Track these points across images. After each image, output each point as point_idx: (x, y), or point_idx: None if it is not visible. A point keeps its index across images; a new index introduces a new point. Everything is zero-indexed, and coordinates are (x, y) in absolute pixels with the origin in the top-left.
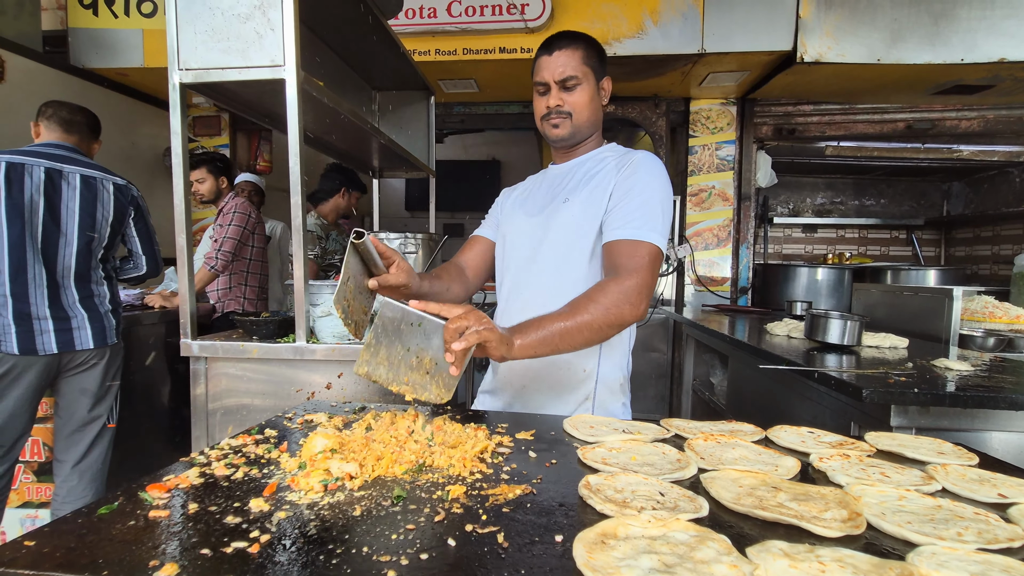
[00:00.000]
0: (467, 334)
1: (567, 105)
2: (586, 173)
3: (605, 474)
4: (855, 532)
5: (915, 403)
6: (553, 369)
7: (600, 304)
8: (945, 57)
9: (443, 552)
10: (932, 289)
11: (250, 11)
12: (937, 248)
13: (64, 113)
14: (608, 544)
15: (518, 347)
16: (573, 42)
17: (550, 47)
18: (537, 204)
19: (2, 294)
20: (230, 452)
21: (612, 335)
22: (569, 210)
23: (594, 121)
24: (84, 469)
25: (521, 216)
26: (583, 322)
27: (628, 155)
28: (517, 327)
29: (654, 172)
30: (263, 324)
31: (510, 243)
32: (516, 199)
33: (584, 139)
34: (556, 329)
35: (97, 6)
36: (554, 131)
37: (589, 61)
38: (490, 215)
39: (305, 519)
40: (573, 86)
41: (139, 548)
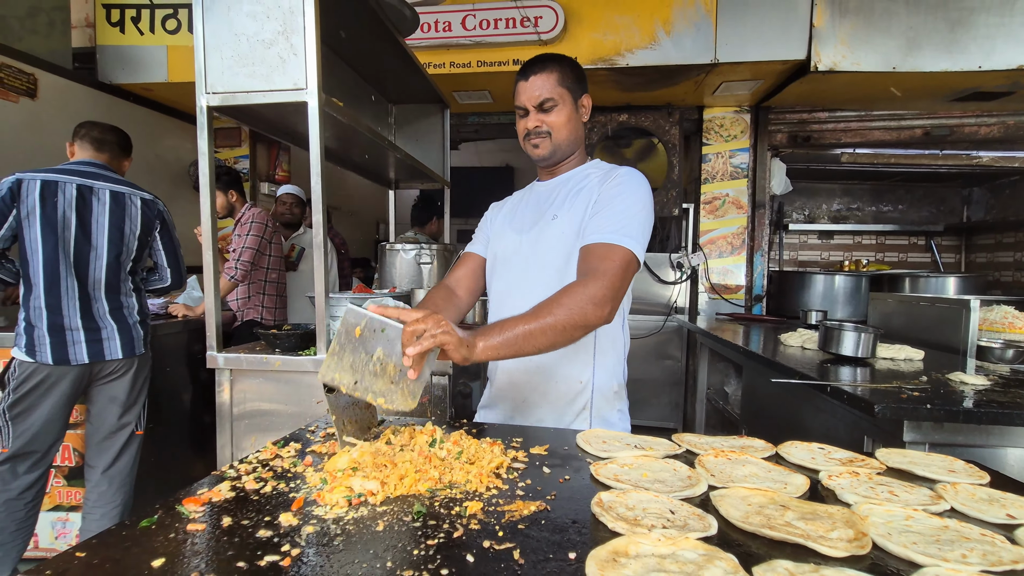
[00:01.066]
0: (423, 338)
1: (545, 125)
2: (571, 189)
3: (617, 491)
4: (860, 552)
5: (928, 419)
6: (550, 382)
7: (564, 307)
8: (963, 65)
9: (462, 568)
10: (949, 299)
11: (274, 37)
12: (957, 255)
13: (95, 133)
14: (619, 562)
15: (481, 349)
16: (547, 66)
17: (526, 72)
18: (526, 221)
19: (37, 306)
20: (258, 466)
21: (579, 336)
22: (558, 227)
23: (574, 139)
24: (114, 475)
25: (510, 233)
26: (547, 324)
27: (612, 170)
28: (481, 329)
29: (635, 185)
30: (285, 337)
31: (500, 260)
32: (504, 216)
33: (566, 157)
34: (520, 331)
35: (124, 24)
36: (535, 151)
37: (564, 82)
38: (479, 231)
39: (332, 533)
40: (550, 107)
41: (180, 560)
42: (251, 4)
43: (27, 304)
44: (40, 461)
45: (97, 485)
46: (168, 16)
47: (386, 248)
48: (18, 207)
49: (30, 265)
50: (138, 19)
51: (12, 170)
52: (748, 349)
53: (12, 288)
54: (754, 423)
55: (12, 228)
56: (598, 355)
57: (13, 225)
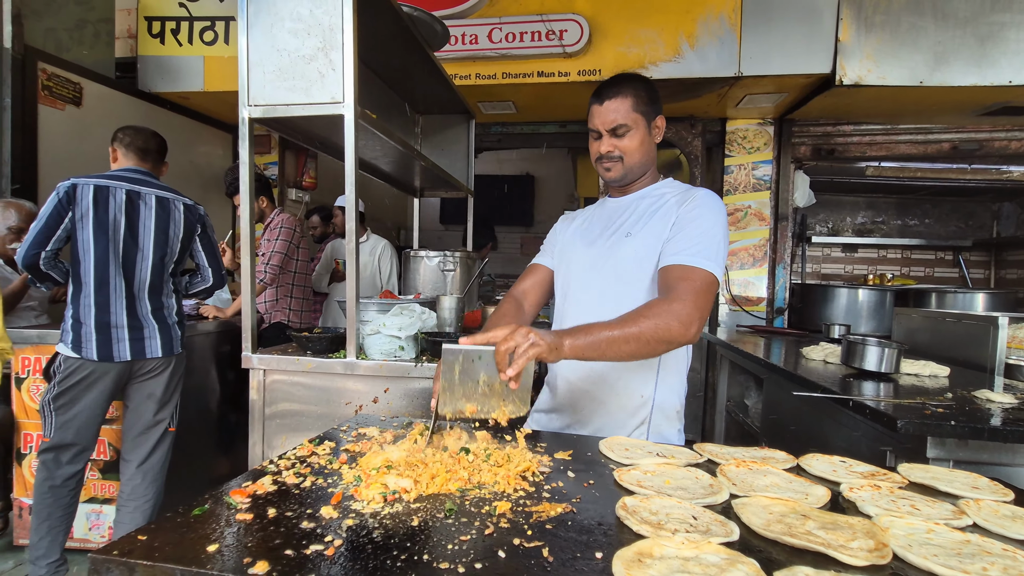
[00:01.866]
0: (517, 357)
1: (618, 150)
2: (647, 208)
3: (641, 496)
4: (880, 562)
5: (953, 435)
6: (611, 394)
7: (651, 319)
8: (992, 79)
9: (495, 563)
10: (976, 316)
11: (314, 53)
12: (986, 270)
13: (140, 142)
14: (644, 563)
15: (568, 347)
16: (622, 90)
17: (601, 96)
18: (598, 235)
19: (86, 304)
20: (296, 462)
21: (660, 351)
22: (632, 244)
23: (646, 161)
24: (147, 469)
25: (581, 247)
26: (631, 334)
27: (689, 191)
28: (568, 330)
29: (714, 207)
30: (316, 340)
31: (571, 272)
32: (576, 229)
33: (636, 178)
34: (605, 336)
35: (164, 35)
36: (607, 174)
37: (639, 107)
38: (547, 243)
39: (370, 527)
40: (623, 133)
41: (232, 546)
42: (293, 22)
43: (76, 302)
44: (81, 453)
45: (131, 479)
46: (206, 28)
47: (410, 255)
48: (73, 210)
49: (81, 265)
50: (177, 31)
51: (61, 173)
52: (770, 362)
53: (60, 287)
54: (774, 436)
55: (67, 230)
56: (662, 372)
57: (68, 227)
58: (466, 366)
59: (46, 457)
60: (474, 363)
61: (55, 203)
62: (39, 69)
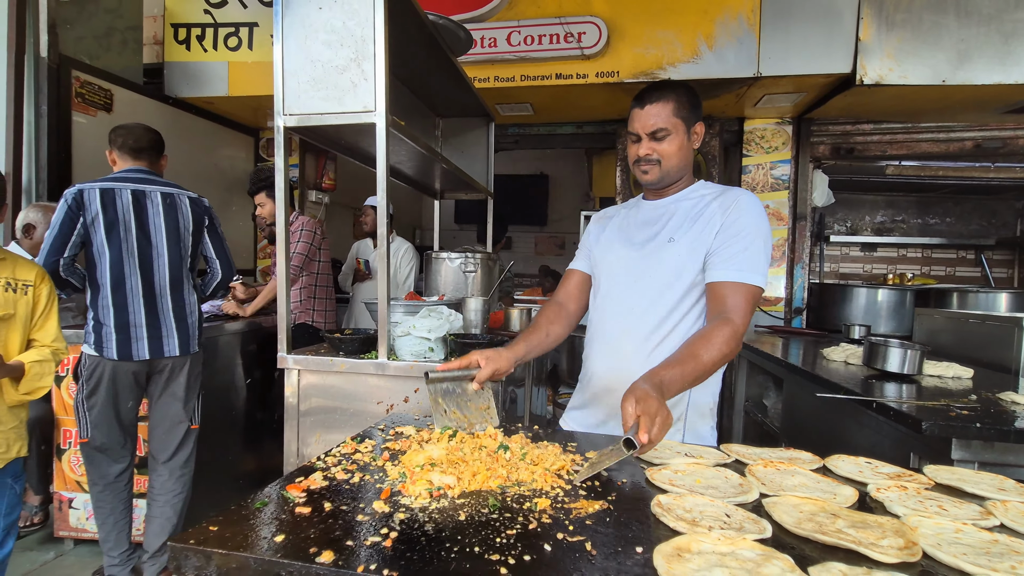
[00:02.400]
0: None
1: (656, 154)
2: (688, 212)
3: (674, 495)
4: (911, 560)
5: (978, 437)
6: None
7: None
8: (1017, 77)
9: (541, 555)
10: (1000, 317)
11: (347, 63)
12: (1010, 269)
13: (131, 141)
14: (683, 557)
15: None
16: (665, 95)
17: (642, 100)
18: (638, 238)
19: (105, 305)
20: (342, 459)
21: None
22: (675, 249)
23: (683, 166)
24: (174, 466)
25: (620, 248)
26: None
27: (728, 194)
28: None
29: (757, 213)
30: (349, 341)
31: (608, 273)
32: (613, 231)
33: (673, 182)
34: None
35: (190, 42)
36: (644, 176)
37: (680, 112)
38: (582, 247)
39: (421, 521)
40: (663, 137)
41: (297, 537)
42: (326, 33)
43: (95, 304)
44: (122, 449)
45: (159, 475)
46: (230, 34)
47: (432, 256)
48: (84, 214)
49: (97, 268)
50: (203, 37)
51: (95, 178)
52: (790, 363)
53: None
54: (795, 437)
55: (81, 235)
56: None
57: (81, 232)
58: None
59: (90, 455)
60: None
61: (65, 210)
62: (73, 77)
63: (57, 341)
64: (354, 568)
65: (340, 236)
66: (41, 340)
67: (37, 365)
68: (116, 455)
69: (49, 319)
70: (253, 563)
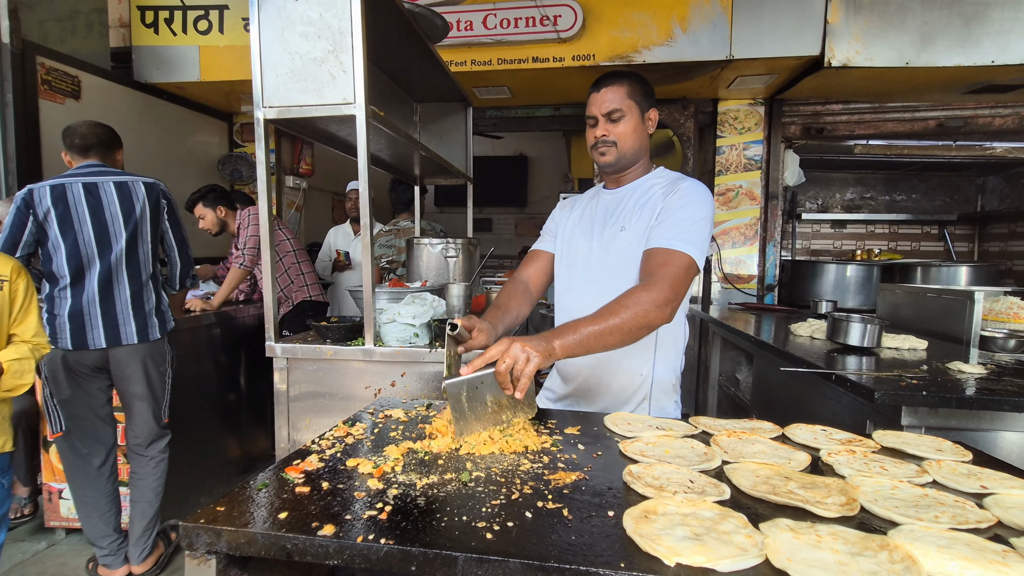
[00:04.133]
0: (518, 376)
1: (612, 135)
2: (638, 201)
3: (644, 464)
4: (850, 514)
5: (924, 404)
6: (613, 374)
7: (630, 309)
8: (976, 59)
9: (523, 521)
10: (954, 291)
11: (325, 55)
12: (970, 244)
13: (77, 140)
14: (650, 519)
15: (558, 347)
16: (619, 80)
17: (598, 85)
18: (595, 229)
19: (62, 297)
20: (335, 442)
21: (643, 335)
22: (625, 238)
23: (638, 149)
24: (151, 453)
25: (580, 239)
26: (614, 325)
27: (677, 182)
28: (555, 332)
29: (697, 194)
30: (336, 328)
31: (570, 263)
32: (575, 223)
33: (630, 165)
34: (590, 331)
35: (158, 25)
36: (602, 159)
37: (633, 95)
38: (546, 230)
39: (414, 495)
40: (618, 118)
41: (299, 513)
42: (303, 25)
43: (51, 296)
44: (98, 445)
45: (138, 462)
46: (200, 17)
47: (414, 242)
48: (34, 213)
49: (53, 261)
50: (171, 20)
51: (64, 168)
52: (759, 339)
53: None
54: (764, 409)
55: (33, 234)
56: (659, 350)
57: (33, 231)
58: (471, 393)
59: (64, 450)
60: (478, 388)
61: (15, 211)
62: (38, 63)
63: (38, 336)
64: (353, 538)
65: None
66: (21, 335)
67: (16, 363)
68: (92, 448)
69: (29, 314)
70: (260, 538)
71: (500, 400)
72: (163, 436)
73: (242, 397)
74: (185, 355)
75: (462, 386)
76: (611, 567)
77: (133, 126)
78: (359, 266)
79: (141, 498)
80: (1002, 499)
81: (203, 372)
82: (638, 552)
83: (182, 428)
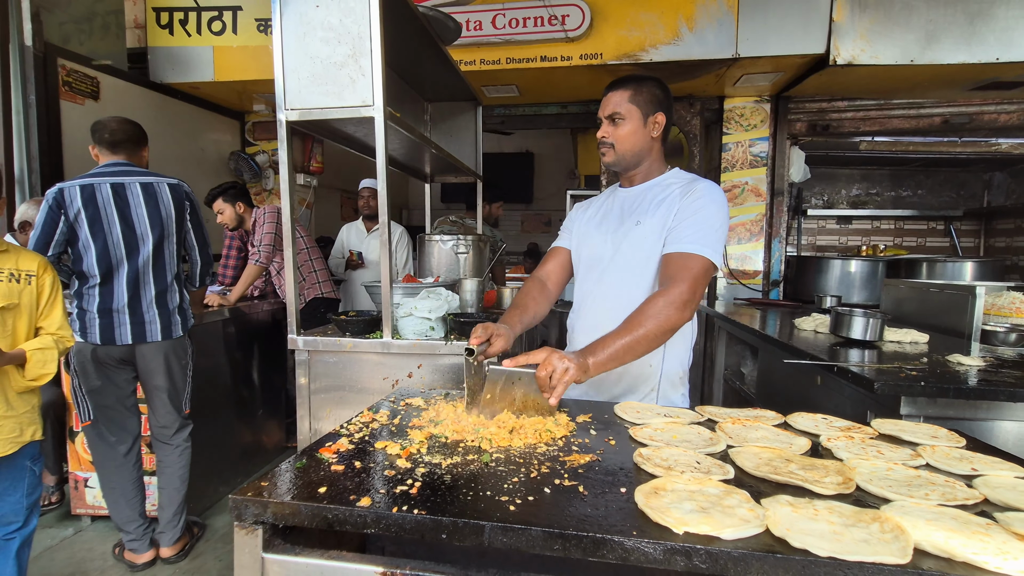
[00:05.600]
0: (555, 383)
1: (611, 137)
2: (654, 198)
3: (653, 447)
4: (846, 491)
5: (922, 394)
6: (624, 367)
7: (653, 317)
8: (980, 57)
9: (542, 496)
10: (956, 285)
11: (345, 60)
12: (976, 239)
13: (107, 136)
14: (659, 494)
15: (592, 366)
16: (626, 84)
17: (608, 88)
18: (612, 224)
19: (90, 293)
20: (363, 427)
21: (667, 339)
22: (641, 232)
23: (637, 151)
24: (176, 442)
25: (596, 234)
26: (641, 336)
27: (693, 182)
28: (588, 349)
29: (713, 197)
30: (355, 322)
31: (586, 258)
32: (590, 218)
33: (631, 166)
34: (620, 345)
35: (172, 26)
36: (603, 158)
37: (635, 99)
38: (565, 229)
39: (440, 473)
40: (618, 121)
41: (336, 488)
42: (324, 31)
43: (79, 293)
44: (124, 432)
45: (163, 451)
46: (214, 18)
47: (425, 239)
48: (66, 213)
49: (84, 261)
50: (186, 21)
51: (85, 168)
52: (764, 333)
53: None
54: (768, 402)
55: (64, 233)
56: (668, 345)
57: (64, 230)
58: (506, 384)
59: (92, 438)
60: (514, 384)
61: (47, 210)
62: (59, 65)
63: (62, 329)
64: (389, 509)
65: (329, 218)
66: (46, 328)
67: (39, 352)
68: (119, 436)
69: (54, 308)
70: (304, 509)
71: (528, 398)
72: (185, 426)
73: (257, 390)
74: (202, 349)
75: (503, 375)
76: (624, 535)
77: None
78: (371, 264)
79: (168, 485)
80: (990, 480)
81: (219, 365)
82: (649, 523)
83: (199, 419)
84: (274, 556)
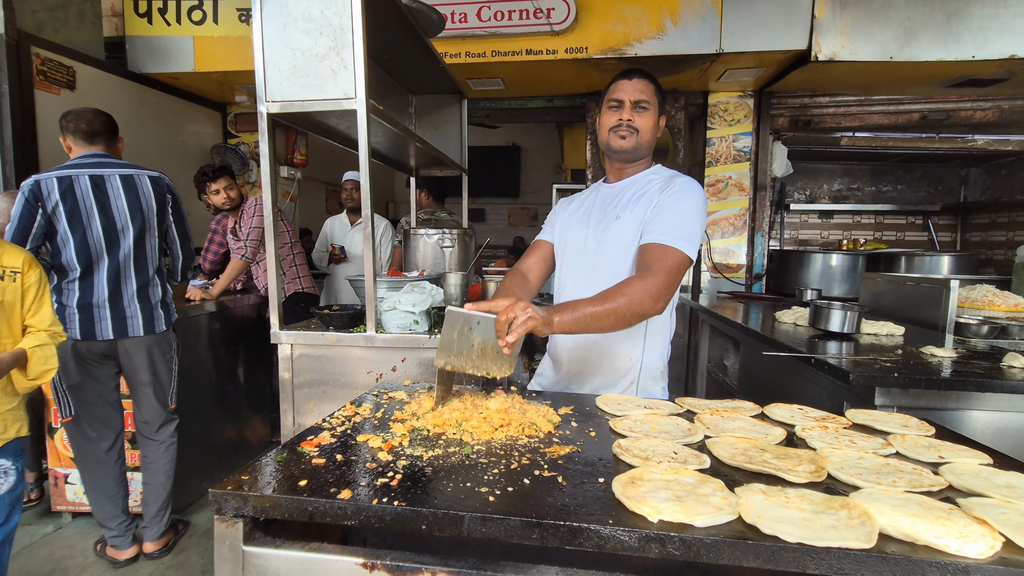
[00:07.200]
0: (515, 326)
1: (636, 122)
2: (635, 193)
3: (632, 439)
4: (817, 480)
5: (896, 385)
6: (604, 359)
7: (626, 296)
8: (957, 55)
9: (521, 487)
10: (931, 279)
11: (326, 51)
12: (953, 233)
13: (83, 125)
14: (636, 483)
15: (556, 323)
16: (649, 76)
17: (630, 74)
18: (593, 218)
19: (71, 289)
20: (345, 420)
21: (635, 323)
22: (620, 226)
23: (651, 143)
24: (160, 438)
25: (578, 228)
26: (610, 309)
27: (672, 178)
28: (556, 307)
29: (691, 192)
30: (338, 316)
31: (568, 251)
32: (572, 212)
33: (641, 156)
34: (588, 312)
35: (151, 15)
36: (620, 142)
37: (658, 95)
38: (548, 223)
39: (421, 465)
40: (644, 108)
41: (317, 481)
42: (305, 22)
43: (59, 287)
44: (104, 428)
45: (148, 447)
46: (193, 7)
47: (410, 233)
48: (43, 205)
49: (62, 255)
50: (165, 10)
51: (60, 159)
52: (745, 326)
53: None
54: (750, 393)
55: (42, 227)
56: (648, 338)
57: (42, 223)
58: (464, 329)
59: (73, 434)
60: (472, 328)
61: (23, 202)
62: (33, 54)
63: (54, 325)
64: (369, 501)
65: (312, 211)
66: (36, 325)
67: (39, 350)
68: (101, 432)
69: (42, 304)
70: (284, 502)
71: (486, 347)
72: (171, 421)
73: (241, 385)
74: (185, 344)
75: (459, 318)
76: (601, 523)
77: (127, 116)
78: (355, 258)
79: (153, 480)
80: (955, 467)
81: (202, 360)
82: (625, 511)
83: (182, 414)
84: (254, 549)
